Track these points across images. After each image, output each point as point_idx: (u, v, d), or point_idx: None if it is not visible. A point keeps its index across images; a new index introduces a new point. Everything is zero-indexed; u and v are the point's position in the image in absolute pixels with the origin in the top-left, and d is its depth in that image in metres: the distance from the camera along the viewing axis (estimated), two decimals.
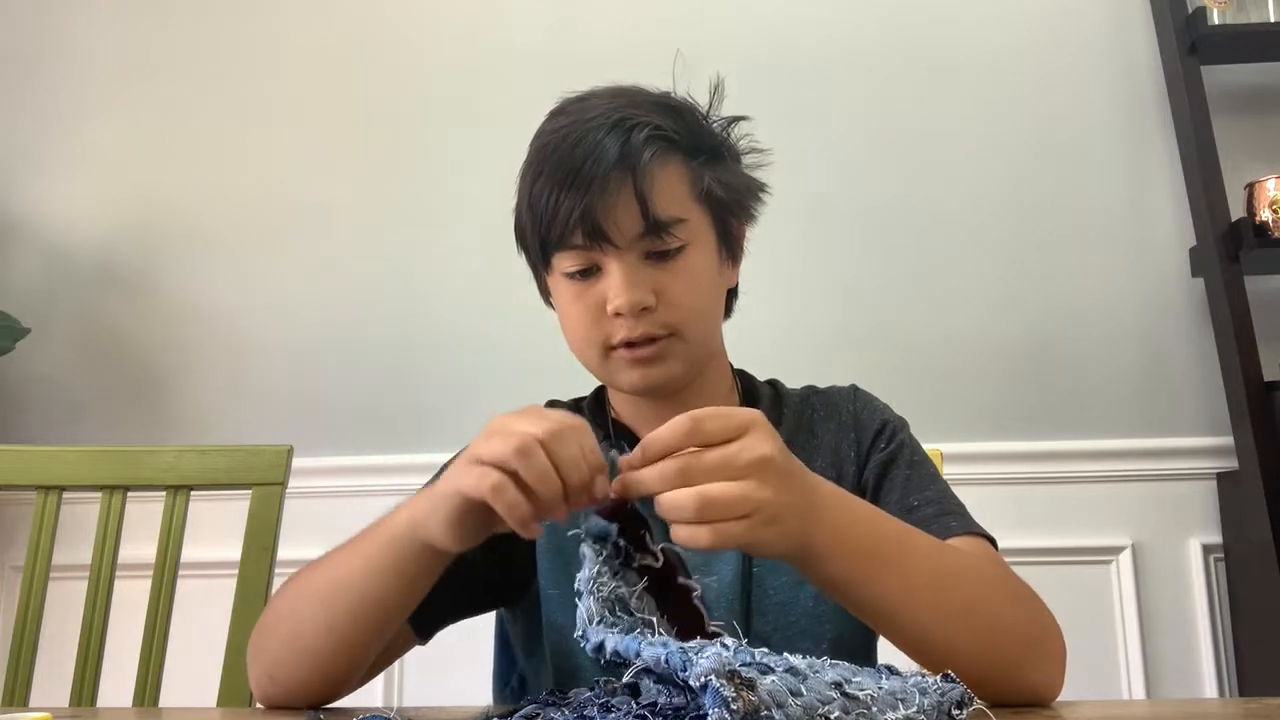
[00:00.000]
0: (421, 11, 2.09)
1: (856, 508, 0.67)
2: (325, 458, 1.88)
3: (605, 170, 0.78)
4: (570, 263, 0.81)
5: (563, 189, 0.79)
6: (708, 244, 0.84)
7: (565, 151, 0.80)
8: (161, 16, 2.14)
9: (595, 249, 0.79)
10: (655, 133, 0.80)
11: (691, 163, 0.83)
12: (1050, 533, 1.78)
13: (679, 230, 0.80)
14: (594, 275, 0.81)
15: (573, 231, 0.79)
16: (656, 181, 0.79)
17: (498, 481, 0.59)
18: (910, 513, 0.82)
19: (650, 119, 0.81)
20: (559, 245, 0.81)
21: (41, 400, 2.03)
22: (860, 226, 1.94)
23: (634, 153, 0.78)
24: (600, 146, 0.79)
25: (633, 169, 0.78)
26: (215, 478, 1.13)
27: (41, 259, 2.09)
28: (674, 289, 0.80)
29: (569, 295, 0.83)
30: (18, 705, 1.04)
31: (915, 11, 2.00)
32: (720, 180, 0.85)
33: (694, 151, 0.83)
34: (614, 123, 0.80)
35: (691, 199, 0.83)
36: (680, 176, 0.82)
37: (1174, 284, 1.87)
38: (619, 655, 0.53)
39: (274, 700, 0.75)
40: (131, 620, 1.09)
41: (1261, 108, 1.92)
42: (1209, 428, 1.81)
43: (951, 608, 0.67)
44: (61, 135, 2.12)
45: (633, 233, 0.79)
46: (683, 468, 0.59)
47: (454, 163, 2.02)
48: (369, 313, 2.00)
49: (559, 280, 0.84)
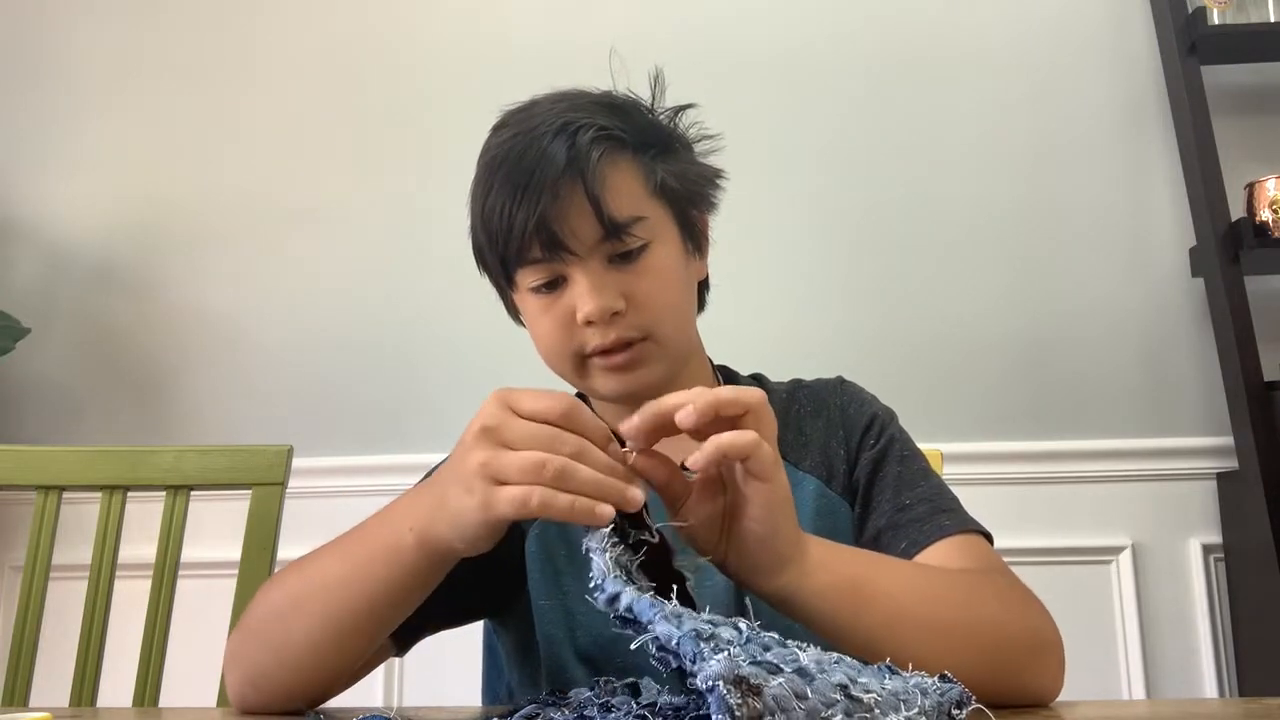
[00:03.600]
0: (422, 11, 2.09)
1: (839, 548, 0.68)
2: (325, 458, 1.88)
3: (555, 177, 0.76)
4: (534, 277, 0.80)
5: (514, 202, 0.77)
6: (670, 239, 0.83)
7: (513, 164, 0.78)
8: (162, 17, 2.14)
9: (556, 260, 0.78)
10: (601, 133, 0.79)
11: (642, 158, 0.82)
12: (1050, 533, 1.78)
13: (638, 229, 0.79)
14: (560, 287, 0.80)
15: (530, 245, 0.77)
16: (609, 182, 0.78)
17: (544, 497, 0.57)
18: (903, 510, 0.81)
19: (594, 120, 0.80)
20: (519, 261, 0.79)
21: (41, 400, 2.03)
22: (860, 226, 1.94)
23: (581, 156, 0.77)
24: (547, 154, 0.77)
25: (582, 172, 0.77)
26: (215, 478, 1.13)
27: (41, 259, 2.09)
28: (642, 289, 0.79)
29: (536, 309, 0.81)
30: (18, 705, 1.05)
31: (915, 11, 2.00)
32: (674, 172, 0.83)
33: (643, 147, 0.82)
34: (558, 128, 0.78)
35: (647, 195, 0.81)
36: (632, 174, 0.81)
37: (1174, 284, 1.87)
38: (631, 613, 0.53)
39: (252, 707, 0.72)
40: (131, 620, 1.09)
41: (1261, 108, 1.92)
42: (1209, 428, 1.81)
43: (943, 628, 0.67)
44: (61, 135, 2.12)
45: (592, 238, 0.78)
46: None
47: (455, 163, 1.98)
48: (369, 312, 2.00)
49: (525, 296, 0.82)
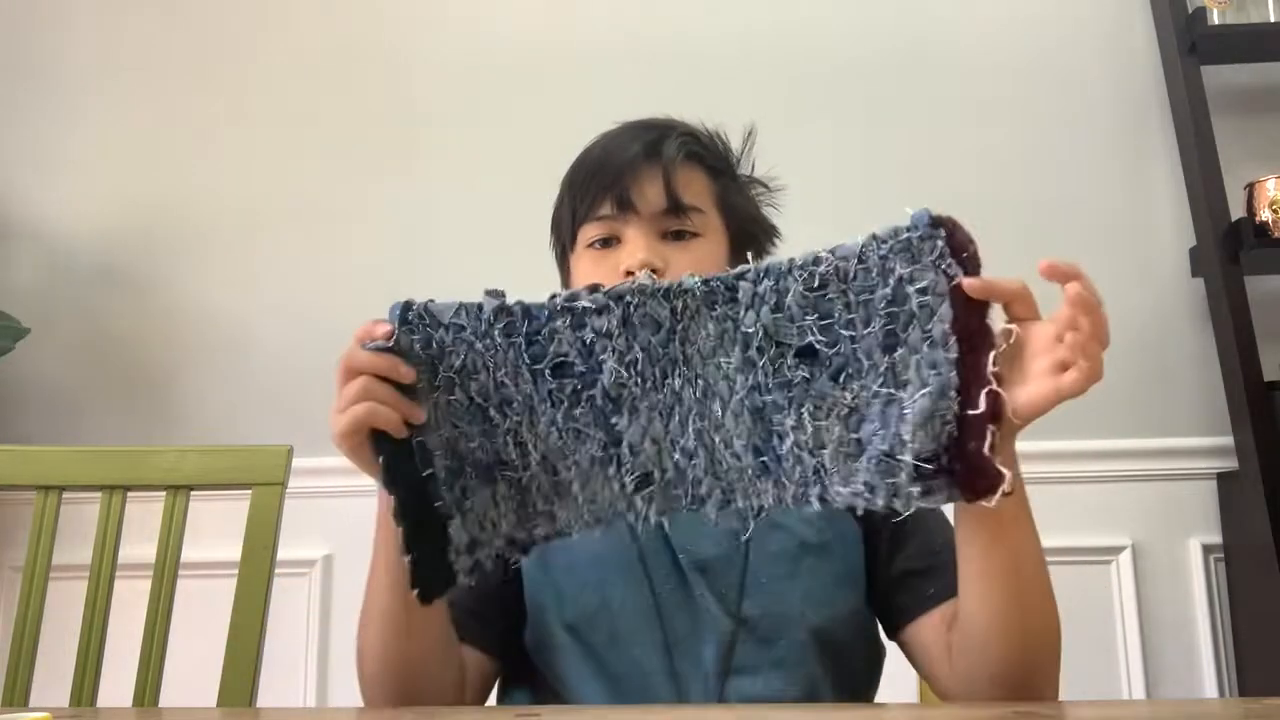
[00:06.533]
0: (422, 12, 2.09)
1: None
2: (325, 458, 1.86)
3: (637, 157, 0.89)
4: (595, 231, 0.90)
5: (599, 167, 0.90)
6: (720, 245, 0.91)
7: (604, 145, 0.92)
8: (162, 17, 2.14)
9: (619, 219, 0.88)
10: (686, 140, 0.91)
11: (714, 177, 0.93)
12: (1050, 533, 1.74)
13: (696, 218, 0.89)
14: (613, 245, 0.89)
15: (602, 201, 0.89)
16: (681, 174, 0.89)
17: (358, 414, 0.73)
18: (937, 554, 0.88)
19: (683, 133, 0.92)
20: (588, 215, 0.90)
21: (41, 400, 2.03)
22: (860, 227, 1.93)
23: (665, 149, 0.89)
24: (634, 143, 0.90)
25: (661, 159, 0.89)
26: (215, 478, 1.13)
27: (41, 259, 2.09)
28: (684, 263, 0.86)
29: (588, 263, 0.90)
30: (18, 705, 1.04)
31: (915, 12, 2.00)
32: (738, 201, 0.94)
33: (716, 172, 0.93)
34: (647, 128, 0.92)
35: (711, 201, 0.92)
36: (703, 182, 0.92)
37: (1174, 284, 1.87)
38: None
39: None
40: (131, 620, 1.09)
41: (1261, 108, 1.92)
42: (1209, 428, 1.81)
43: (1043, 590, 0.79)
44: (61, 135, 2.12)
45: (656, 206, 0.88)
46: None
47: (455, 163, 2.01)
48: (369, 313, 1.99)
49: (580, 256, 0.92)
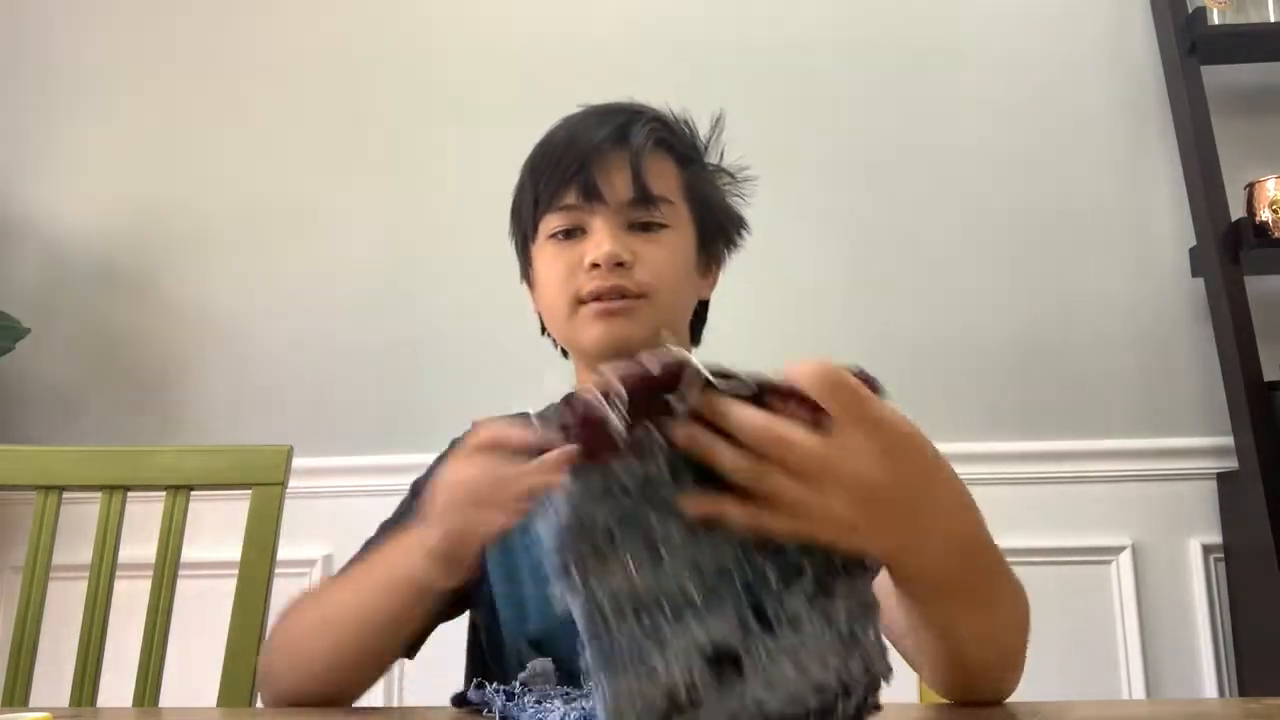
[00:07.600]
0: (423, 11, 2.09)
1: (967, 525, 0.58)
2: (325, 458, 1.88)
3: (604, 142, 0.84)
4: (558, 222, 0.86)
5: (564, 151, 0.85)
6: (687, 237, 0.89)
7: (569, 129, 0.87)
8: (163, 17, 2.14)
9: (585, 208, 0.84)
10: (654, 126, 0.87)
11: (682, 166, 0.89)
12: (1050, 533, 1.78)
13: (663, 209, 0.85)
14: (577, 237, 0.85)
15: (568, 189, 0.84)
16: (649, 163, 0.85)
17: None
18: None
19: (648, 118, 0.87)
20: (550, 204, 0.86)
21: (41, 400, 2.03)
22: (860, 227, 1.94)
23: (632, 135, 0.85)
24: (601, 127, 0.85)
25: (629, 146, 0.84)
26: (215, 478, 1.13)
27: (41, 259, 2.09)
28: (649, 255, 0.84)
29: (550, 255, 0.87)
30: (18, 705, 1.04)
31: (915, 12, 2.00)
32: (706, 191, 0.91)
33: (685, 160, 0.89)
34: (616, 112, 0.88)
35: (679, 192, 0.88)
36: (671, 171, 0.88)
37: (1174, 284, 1.87)
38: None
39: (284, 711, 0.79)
40: (131, 620, 1.09)
41: (1261, 108, 1.92)
42: (1209, 428, 1.81)
43: (995, 630, 0.63)
44: (61, 135, 2.12)
45: (622, 196, 0.84)
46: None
47: (455, 163, 2.01)
48: (369, 313, 2.00)
49: (542, 247, 0.88)
